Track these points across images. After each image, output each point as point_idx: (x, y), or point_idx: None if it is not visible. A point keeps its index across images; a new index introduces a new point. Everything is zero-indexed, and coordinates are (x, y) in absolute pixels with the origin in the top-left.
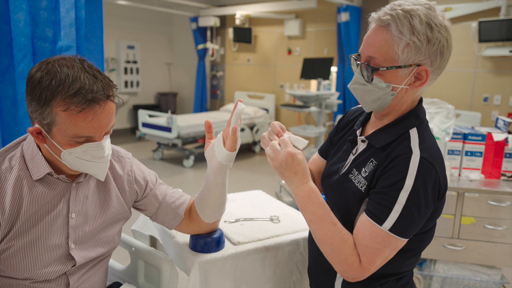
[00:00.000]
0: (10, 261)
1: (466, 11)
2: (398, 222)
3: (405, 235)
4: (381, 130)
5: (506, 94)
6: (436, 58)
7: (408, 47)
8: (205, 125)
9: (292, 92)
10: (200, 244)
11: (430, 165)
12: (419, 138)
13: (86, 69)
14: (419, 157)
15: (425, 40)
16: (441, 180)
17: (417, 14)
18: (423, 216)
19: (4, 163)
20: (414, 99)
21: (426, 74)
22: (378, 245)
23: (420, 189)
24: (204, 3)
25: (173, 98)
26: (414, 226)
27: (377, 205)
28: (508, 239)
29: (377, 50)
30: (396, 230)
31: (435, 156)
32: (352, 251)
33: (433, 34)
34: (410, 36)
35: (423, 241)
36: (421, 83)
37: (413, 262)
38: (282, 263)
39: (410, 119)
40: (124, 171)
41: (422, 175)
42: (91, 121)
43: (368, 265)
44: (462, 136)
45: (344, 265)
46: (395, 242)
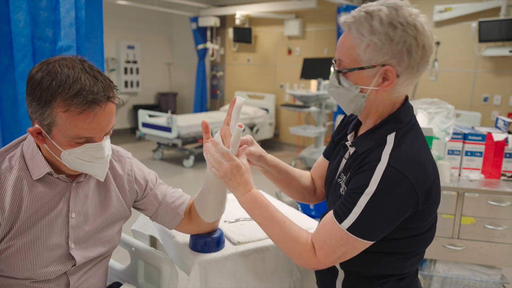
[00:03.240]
0: (10, 261)
1: (466, 11)
2: (356, 224)
3: (366, 237)
4: (364, 135)
5: (506, 94)
6: (402, 58)
7: (369, 48)
8: (202, 126)
9: (292, 92)
10: (200, 244)
11: (399, 173)
12: (394, 144)
13: (87, 70)
14: (386, 165)
15: (387, 40)
16: (418, 188)
17: (378, 14)
18: (387, 221)
19: (4, 163)
20: (393, 100)
21: (392, 74)
22: (335, 242)
23: (383, 195)
24: (204, 3)
25: (173, 98)
26: (377, 230)
27: (341, 205)
28: (508, 239)
29: (344, 53)
30: (354, 231)
31: (408, 163)
32: (305, 247)
33: (396, 33)
34: (370, 37)
35: (419, 244)
36: (389, 84)
37: (414, 264)
38: (282, 263)
39: (390, 124)
40: (124, 170)
41: (386, 182)
42: (91, 122)
43: (323, 259)
44: (462, 136)
45: (300, 260)
46: (353, 242)
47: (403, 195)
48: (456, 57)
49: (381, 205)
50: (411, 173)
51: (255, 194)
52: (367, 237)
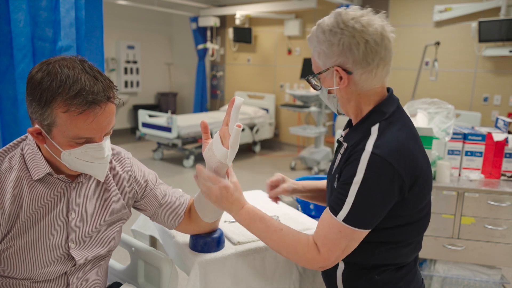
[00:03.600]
0: (10, 261)
1: (466, 11)
2: (351, 214)
3: (361, 226)
4: (352, 130)
5: (506, 94)
6: (346, 56)
7: (320, 55)
8: (201, 126)
9: (292, 92)
10: (200, 244)
11: (383, 160)
12: (378, 134)
13: (87, 70)
14: (370, 153)
15: (330, 45)
16: (403, 174)
17: (320, 26)
18: (378, 208)
19: (4, 163)
20: (366, 94)
21: (342, 72)
22: (335, 235)
23: (371, 183)
24: (204, 3)
25: (173, 98)
26: (370, 217)
27: (335, 198)
28: (508, 239)
29: (312, 63)
30: (350, 222)
31: (392, 150)
32: (307, 247)
33: (335, 37)
34: (319, 46)
35: (409, 233)
36: (346, 81)
37: (409, 253)
38: (282, 263)
39: (374, 116)
40: (124, 171)
41: (372, 170)
42: (91, 122)
43: (328, 255)
44: (462, 136)
45: (305, 261)
46: (352, 233)
47: (388, 180)
48: (456, 57)
49: (370, 192)
50: (394, 159)
51: (248, 210)
52: (362, 225)
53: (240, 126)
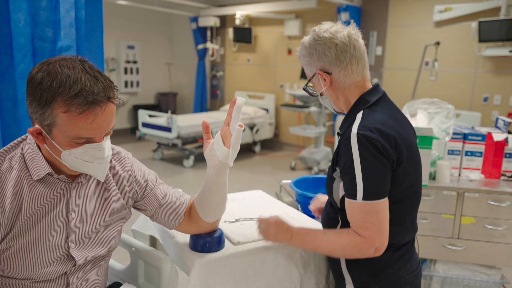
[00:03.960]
0: (10, 261)
1: (466, 11)
2: (366, 190)
3: (378, 197)
4: (344, 120)
5: (506, 94)
6: (322, 59)
7: (307, 65)
8: (202, 126)
9: (292, 92)
10: (200, 244)
11: (365, 137)
12: (361, 118)
13: (87, 70)
14: (356, 135)
15: (310, 55)
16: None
17: (303, 43)
18: (383, 173)
19: (4, 163)
20: (350, 87)
21: (323, 74)
22: (361, 215)
23: (366, 156)
24: (204, 3)
25: (173, 98)
26: (382, 186)
27: (347, 185)
28: (508, 239)
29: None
30: (368, 197)
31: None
32: (348, 236)
33: (310, 48)
34: (304, 59)
35: (401, 210)
36: (329, 80)
37: (403, 233)
38: (282, 263)
39: (359, 105)
40: (124, 171)
41: (361, 146)
42: (91, 122)
43: (368, 233)
44: (462, 136)
45: (354, 250)
46: (373, 206)
47: (378, 152)
48: (456, 57)
49: (370, 164)
50: (376, 135)
51: (296, 231)
52: (379, 196)
53: (242, 126)
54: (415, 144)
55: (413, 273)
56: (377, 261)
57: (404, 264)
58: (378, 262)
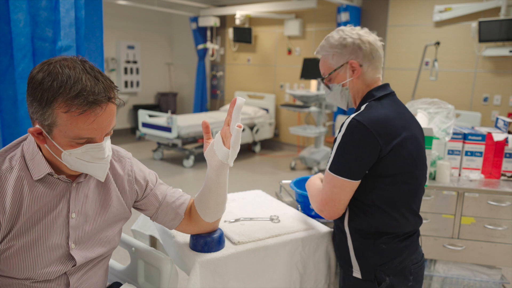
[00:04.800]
0: (10, 261)
1: (466, 11)
2: (334, 163)
3: (344, 175)
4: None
5: (506, 94)
6: (357, 52)
7: (334, 56)
8: (203, 126)
9: (292, 92)
10: (200, 244)
11: (359, 123)
12: (365, 109)
13: (88, 71)
14: (350, 119)
15: (342, 46)
16: (376, 134)
17: (330, 36)
18: (357, 160)
19: (5, 163)
20: (368, 84)
21: (355, 64)
22: (324, 183)
23: (347, 138)
24: (204, 3)
25: (173, 98)
26: (352, 167)
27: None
28: (508, 239)
29: (322, 68)
30: (334, 170)
31: (370, 118)
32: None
33: (346, 40)
34: (331, 50)
35: (394, 197)
36: (358, 71)
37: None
38: (282, 263)
39: (365, 98)
40: (124, 171)
41: (350, 130)
42: (92, 123)
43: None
44: (462, 136)
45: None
46: (333, 179)
47: (363, 138)
48: (456, 57)
49: (347, 146)
50: (370, 123)
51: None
52: (347, 175)
53: (240, 126)
54: (420, 139)
55: (417, 263)
56: (385, 250)
57: (409, 255)
58: (386, 251)
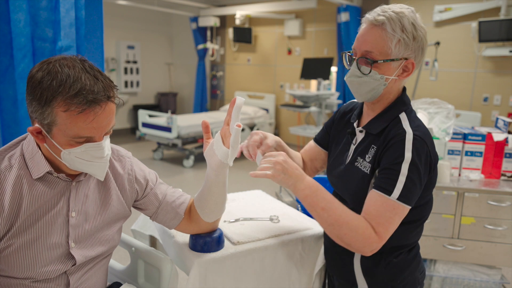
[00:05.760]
0: (10, 260)
1: (466, 11)
2: (404, 191)
3: (410, 202)
4: (375, 119)
5: (506, 94)
6: (419, 53)
7: (399, 43)
8: (202, 126)
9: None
10: (199, 244)
11: (422, 141)
12: (408, 120)
13: (87, 70)
14: (413, 135)
15: (412, 38)
16: (432, 154)
17: (405, 15)
18: (421, 184)
19: (4, 162)
20: (399, 88)
21: (412, 66)
22: (389, 214)
23: (417, 160)
24: (204, 3)
25: (173, 98)
26: (416, 194)
27: (384, 179)
28: (508, 239)
29: (374, 46)
30: (403, 198)
31: (425, 134)
32: (366, 224)
33: (417, 32)
34: (401, 34)
35: (423, 212)
36: (407, 74)
37: (418, 233)
38: (281, 263)
39: (398, 106)
40: (124, 170)
41: (416, 149)
42: (91, 122)
43: (384, 234)
44: (462, 136)
45: (363, 240)
46: (403, 209)
47: (425, 158)
48: (456, 57)
49: (418, 170)
50: (428, 140)
51: (312, 179)
52: (411, 202)
53: (240, 125)
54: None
55: (423, 272)
56: (396, 264)
57: (417, 264)
58: (397, 264)
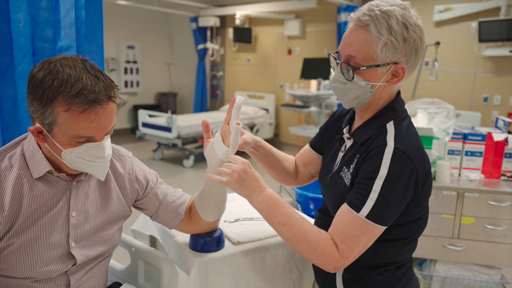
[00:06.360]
0: (10, 260)
1: (466, 11)
2: (374, 209)
3: (381, 223)
4: (362, 126)
5: (506, 94)
6: (411, 56)
7: (386, 47)
8: (203, 125)
9: (292, 92)
10: (200, 244)
11: (405, 156)
12: (395, 131)
13: (88, 70)
14: (393, 148)
15: (402, 40)
16: (419, 170)
17: (394, 14)
18: (399, 204)
19: (4, 162)
20: (391, 94)
21: (403, 72)
22: (356, 232)
23: (394, 178)
24: (204, 3)
25: (173, 98)
26: (391, 214)
27: (355, 194)
28: (508, 239)
29: (357, 49)
30: (373, 217)
31: (411, 147)
32: (327, 241)
33: (409, 33)
34: (388, 36)
35: (415, 229)
36: (398, 80)
37: (409, 251)
38: (282, 263)
39: (387, 113)
40: (125, 169)
41: (396, 164)
42: (92, 121)
43: (347, 253)
44: (462, 136)
45: (323, 258)
46: (372, 229)
47: (408, 176)
48: (456, 57)
49: (394, 187)
50: (413, 155)
51: (272, 191)
52: (384, 222)
53: (239, 124)
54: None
55: None
56: (380, 281)
57: (407, 282)
58: (381, 282)
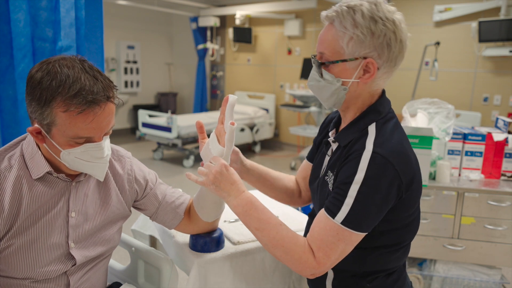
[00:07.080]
0: (10, 260)
1: (466, 11)
2: (350, 215)
3: (359, 229)
4: (345, 129)
5: (506, 94)
6: (383, 51)
7: (352, 41)
8: (197, 126)
9: (292, 92)
10: (200, 244)
11: (384, 160)
12: (376, 134)
13: (87, 70)
14: (371, 152)
15: (369, 33)
16: (402, 174)
17: (360, 9)
18: (378, 210)
19: (3, 162)
20: (372, 93)
21: (373, 66)
22: (332, 239)
23: (372, 182)
24: (204, 3)
25: (173, 98)
26: (369, 220)
27: (332, 199)
28: (508, 239)
29: (326, 46)
30: (348, 224)
31: (392, 150)
32: (304, 248)
33: (377, 27)
34: (353, 30)
35: (404, 235)
36: (370, 76)
37: (399, 257)
38: (281, 263)
39: (369, 115)
40: (124, 170)
41: (373, 169)
42: (91, 122)
43: (324, 260)
44: (462, 136)
45: (299, 265)
46: (349, 235)
47: (389, 181)
48: (456, 57)
49: (371, 193)
50: (394, 159)
51: (250, 196)
52: (361, 228)
53: (234, 123)
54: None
55: None
56: None
57: None
58: None
